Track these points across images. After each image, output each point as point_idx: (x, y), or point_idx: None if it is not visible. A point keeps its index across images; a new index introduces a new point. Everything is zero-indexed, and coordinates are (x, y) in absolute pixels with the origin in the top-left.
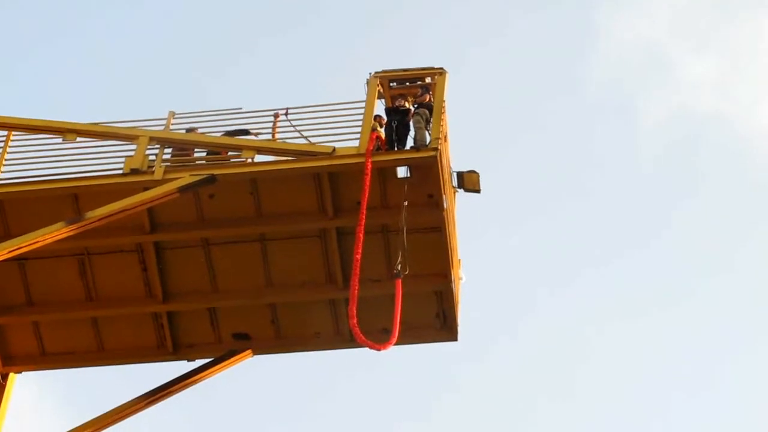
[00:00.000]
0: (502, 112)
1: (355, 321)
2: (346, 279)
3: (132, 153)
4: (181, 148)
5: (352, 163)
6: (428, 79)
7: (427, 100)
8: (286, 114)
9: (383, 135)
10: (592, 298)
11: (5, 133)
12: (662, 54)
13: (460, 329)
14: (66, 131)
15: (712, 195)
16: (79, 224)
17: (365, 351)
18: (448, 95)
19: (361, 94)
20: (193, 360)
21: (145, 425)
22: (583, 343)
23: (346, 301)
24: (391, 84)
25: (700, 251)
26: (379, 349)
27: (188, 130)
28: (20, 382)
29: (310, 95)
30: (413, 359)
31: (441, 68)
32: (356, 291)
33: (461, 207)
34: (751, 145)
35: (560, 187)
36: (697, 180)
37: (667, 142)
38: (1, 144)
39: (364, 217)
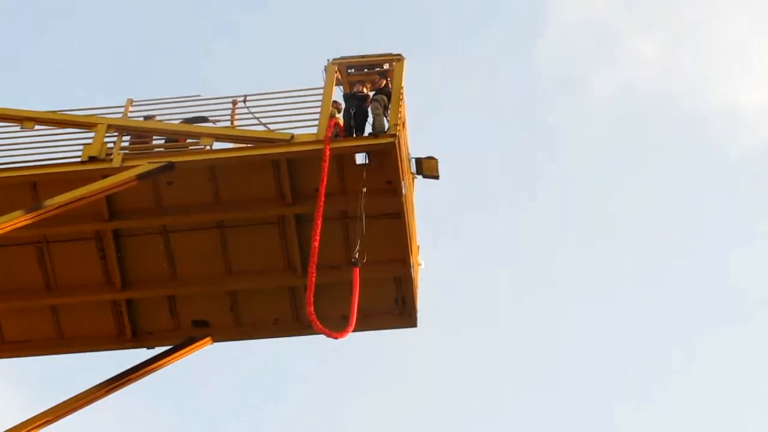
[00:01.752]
0: (457, 95)
1: (311, 309)
2: (305, 266)
3: (90, 141)
4: (140, 135)
5: (311, 150)
6: (386, 65)
7: (385, 85)
8: (245, 101)
9: (341, 121)
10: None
11: None
12: (610, 32)
13: (419, 315)
14: (24, 119)
15: (660, 171)
16: (38, 212)
17: (324, 338)
18: (406, 81)
19: (319, 80)
20: (152, 347)
21: (104, 413)
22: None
23: (305, 287)
24: (349, 70)
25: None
26: (336, 337)
27: (146, 118)
28: None
29: (268, 82)
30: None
31: (399, 54)
32: (314, 278)
33: (420, 193)
34: (700, 122)
35: (518, 171)
36: (643, 157)
37: (615, 118)
38: None
39: (322, 203)
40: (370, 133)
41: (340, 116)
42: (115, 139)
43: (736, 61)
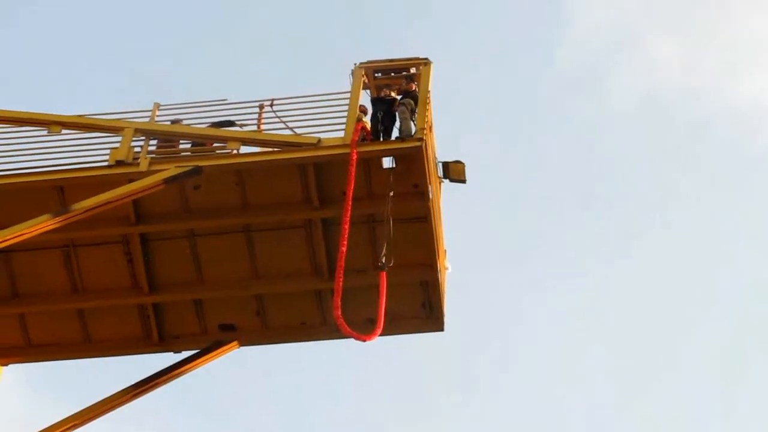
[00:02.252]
0: (483, 99)
1: (339, 312)
2: (332, 269)
3: (117, 145)
4: (167, 139)
5: (338, 154)
6: (413, 70)
7: (413, 88)
8: (272, 105)
9: (368, 125)
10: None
11: None
12: (632, 33)
13: (446, 319)
14: (51, 123)
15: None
16: (65, 216)
17: (352, 341)
18: (433, 85)
19: (346, 84)
20: (179, 351)
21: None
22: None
23: (332, 291)
24: (376, 74)
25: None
26: (364, 340)
27: (173, 122)
28: (7, 374)
29: (296, 86)
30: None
31: (426, 58)
32: (341, 282)
33: (446, 197)
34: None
35: (545, 175)
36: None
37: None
38: None
39: (349, 207)
40: (397, 137)
41: (366, 120)
42: (141, 143)
43: (758, 58)
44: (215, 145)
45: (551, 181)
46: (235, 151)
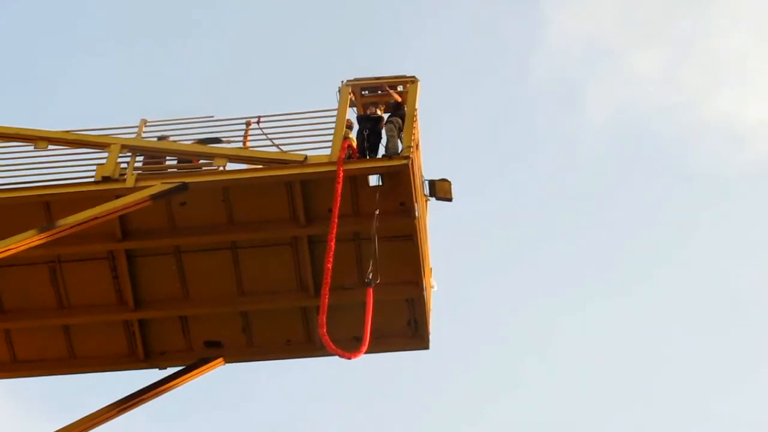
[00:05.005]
0: (461, 114)
1: (324, 330)
2: (318, 287)
3: (104, 161)
4: (153, 156)
5: (324, 171)
6: (400, 87)
7: (400, 105)
8: (258, 122)
9: (354, 141)
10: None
11: None
12: (608, 47)
13: (431, 337)
14: (37, 139)
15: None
16: (51, 232)
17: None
18: (420, 103)
19: (333, 102)
20: (164, 368)
21: None
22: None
23: (318, 309)
24: (363, 92)
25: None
26: (349, 358)
27: (160, 138)
28: None
29: (282, 103)
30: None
31: (413, 76)
32: (327, 300)
33: (433, 215)
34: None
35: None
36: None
37: (613, 134)
38: None
39: (335, 225)
40: (383, 155)
41: (353, 135)
42: (128, 159)
43: (736, 74)
44: (202, 161)
45: (536, 198)
46: (221, 168)
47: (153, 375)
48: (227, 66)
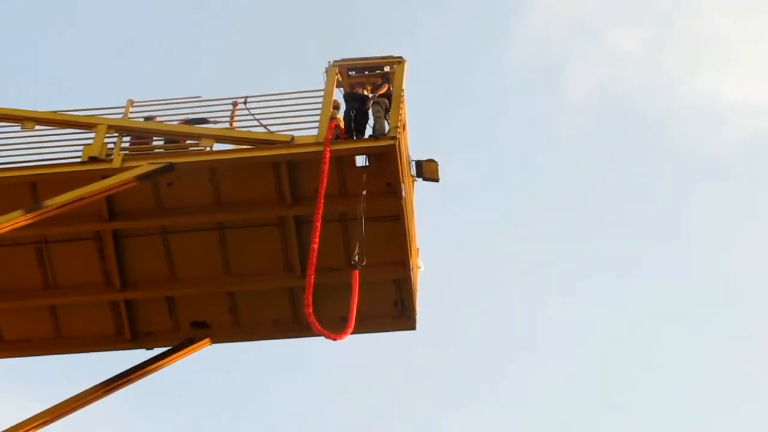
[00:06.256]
0: (445, 95)
1: (310, 310)
2: (305, 267)
3: (90, 141)
4: (140, 136)
5: (311, 152)
6: (387, 68)
7: (386, 90)
8: (245, 102)
9: (342, 122)
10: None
11: None
12: (590, 26)
13: (418, 318)
14: (24, 119)
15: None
16: (38, 212)
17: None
18: (406, 84)
19: (320, 82)
20: (151, 348)
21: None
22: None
23: (305, 289)
24: (350, 73)
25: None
26: (334, 339)
27: (147, 119)
28: None
29: (269, 84)
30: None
31: (400, 57)
32: (312, 280)
33: (420, 196)
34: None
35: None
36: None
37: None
38: None
39: (321, 205)
40: (370, 136)
41: (340, 116)
42: (115, 139)
43: (717, 54)
44: (188, 142)
45: (521, 177)
46: (208, 149)
47: (140, 355)
48: (214, 46)
